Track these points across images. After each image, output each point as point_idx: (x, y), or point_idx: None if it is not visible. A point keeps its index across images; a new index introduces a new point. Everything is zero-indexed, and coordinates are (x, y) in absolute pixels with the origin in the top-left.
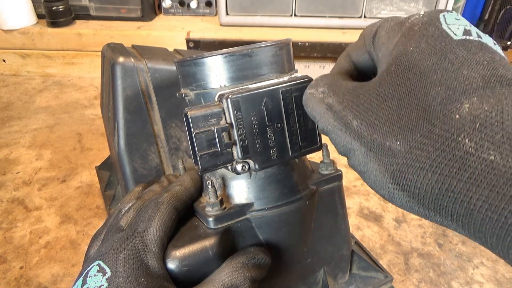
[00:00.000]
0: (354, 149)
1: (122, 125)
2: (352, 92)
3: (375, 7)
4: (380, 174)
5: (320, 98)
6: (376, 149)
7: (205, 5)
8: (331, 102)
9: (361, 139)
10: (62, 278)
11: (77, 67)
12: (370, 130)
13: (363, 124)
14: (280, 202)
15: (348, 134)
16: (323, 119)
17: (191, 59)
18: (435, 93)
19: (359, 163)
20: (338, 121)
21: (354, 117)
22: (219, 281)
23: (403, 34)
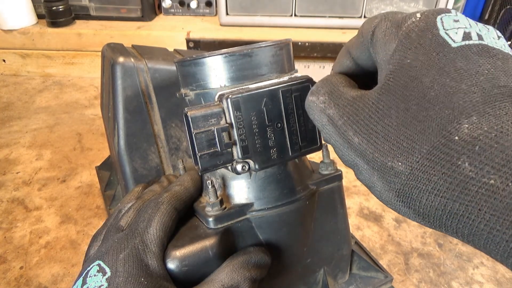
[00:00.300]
0: (358, 165)
1: (122, 125)
2: (352, 104)
3: (375, 7)
4: (385, 191)
5: (321, 108)
6: (379, 168)
7: (205, 5)
8: (332, 114)
9: (363, 157)
10: (62, 278)
11: (77, 67)
12: (372, 149)
13: (364, 142)
14: (280, 202)
15: (351, 150)
16: (325, 130)
17: (191, 59)
18: (433, 113)
19: (365, 179)
20: (340, 137)
21: (355, 134)
22: (219, 281)
23: (400, 41)
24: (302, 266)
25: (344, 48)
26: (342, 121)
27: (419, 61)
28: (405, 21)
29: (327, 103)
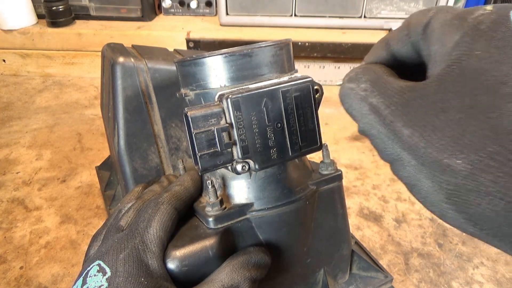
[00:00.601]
0: (403, 159)
1: (122, 125)
2: (402, 94)
3: (375, 7)
4: (434, 191)
5: (362, 96)
6: (431, 165)
7: (205, 5)
8: (376, 103)
9: (412, 151)
10: (62, 278)
11: (77, 67)
12: (424, 143)
13: (415, 135)
14: (280, 202)
15: (396, 143)
16: (366, 121)
17: (191, 59)
18: (507, 110)
19: (408, 175)
20: (385, 127)
21: (404, 126)
22: (219, 281)
23: (466, 33)
24: (302, 266)
25: (382, 40)
26: (388, 110)
27: (491, 54)
28: (471, 14)
29: (370, 91)
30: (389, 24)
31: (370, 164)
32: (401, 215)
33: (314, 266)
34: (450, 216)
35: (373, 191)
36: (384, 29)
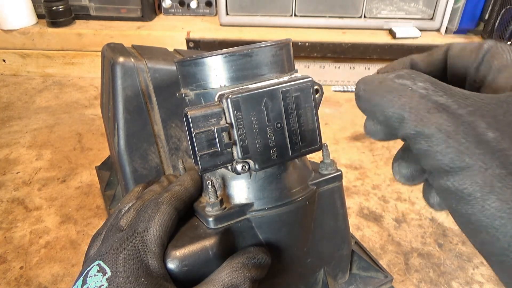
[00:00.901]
0: (473, 168)
1: (122, 125)
2: (478, 98)
3: (375, 7)
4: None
5: (422, 93)
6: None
7: (205, 5)
8: (445, 102)
9: (499, 157)
10: (62, 278)
11: (77, 67)
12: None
13: (506, 140)
14: (280, 202)
15: (474, 145)
16: (427, 119)
17: (191, 59)
18: None
19: (476, 185)
20: (459, 127)
21: (489, 128)
22: (219, 281)
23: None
24: (302, 266)
25: (407, 58)
26: (466, 111)
27: None
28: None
29: (433, 90)
30: (389, 24)
31: (370, 164)
32: (401, 215)
33: (314, 266)
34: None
35: (373, 191)
36: (384, 29)
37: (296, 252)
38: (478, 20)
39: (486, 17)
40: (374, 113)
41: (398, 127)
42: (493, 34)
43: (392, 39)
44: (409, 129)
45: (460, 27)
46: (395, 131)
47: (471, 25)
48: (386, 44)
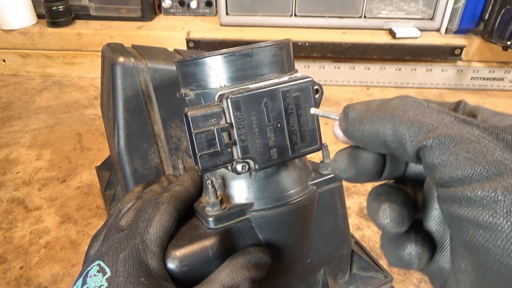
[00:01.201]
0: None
1: (122, 125)
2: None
3: (375, 7)
4: None
5: (439, 109)
6: None
7: (205, 5)
8: (466, 119)
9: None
10: (62, 278)
11: (77, 67)
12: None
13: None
14: (280, 202)
15: (508, 151)
16: (450, 127)
17: (191, 59)
18: None
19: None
20: (489, 136)
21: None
22: (219, 281)
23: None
24: (302, 266)
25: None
26: (487, 125)
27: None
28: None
29: (449, 109)
30: (389, 24)
31: None
32: None
33: (314, 266)
34: None
35: None
36: (384, 29)
37: (296, 252)
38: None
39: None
40: (376, 134)
41: (412, 141)
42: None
43: (392, 39)
44: (430, 138)
45: (460, 27)
46: (405, 149)
47: (471, 25)
48: (386, 44)
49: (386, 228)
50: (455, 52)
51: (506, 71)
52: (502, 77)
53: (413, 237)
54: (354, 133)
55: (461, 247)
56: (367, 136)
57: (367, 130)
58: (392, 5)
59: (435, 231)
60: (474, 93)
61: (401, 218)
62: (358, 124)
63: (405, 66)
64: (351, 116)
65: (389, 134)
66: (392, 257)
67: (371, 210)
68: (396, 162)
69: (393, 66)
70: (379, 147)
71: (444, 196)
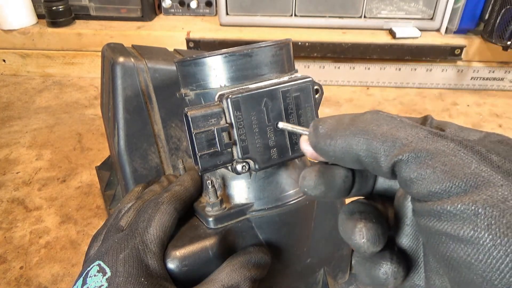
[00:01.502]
0: (490, 181)
1: (122, 125)
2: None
3: (375, 7)
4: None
5: (412, 124)
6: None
7: (205, 5)
8: (439, 132)
9: (509, 174)
10: (62, 278)
11: (77, 67)
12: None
13: (506, 163)
14: (280, 202)
15: (483, 163)
16: (425, 141)
17: (191, 59)
18: None
19: (490, 203)
20: (463, 149)
21: (488, 152)
22: (219, 281)
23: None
24: (302, 266)
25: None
26: (461, 139)
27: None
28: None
29: (422, 124)
30: (389, 24)
31: None
32: None
33: (314, 266)
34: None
35: None
36: (384, 29)
37: (296, 252)
38: (478, 20)
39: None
40: (349, 150)
41: (387, 156)
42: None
43: (392, 39)
44: (405, 152)
45: (460, 27)
46: (380, 164)
47: (471, 25)
48: (386, 44)
49: (362, 248)
50: (455, 52)
51: (506, 71)
52: (502, 77)
53: (388, 256)
54: (325, 148)
55: (438, 263)
56: (339, 151)
57: (340, 145)
58: (392, 5)
59: (408, 248)
60: (474, 93)
61: (377, 237)
62: (329, 139)
63: (405, 66)
64: (321, 130)
65: (362, 149)
66: (366, 277)
67: (345, 230)
68: (365, 178)
69: (393, 66)
70: (351, 163)
71: (422, 210)
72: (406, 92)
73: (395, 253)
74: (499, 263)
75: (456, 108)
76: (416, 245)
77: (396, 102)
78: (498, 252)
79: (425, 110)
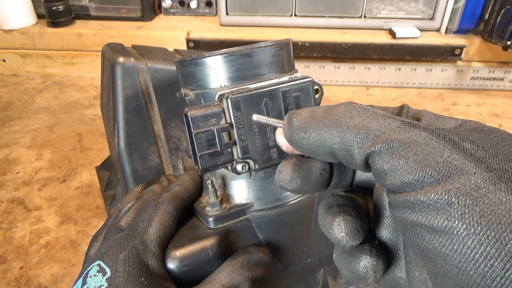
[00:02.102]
0: (463, 169)
1: (122, 125)
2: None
3: (375, 7)
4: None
5: (385, 114)
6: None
7: (205, 5)
8: (412, 122)
9: (481, 162)
10: (62, 278)
11: (77, 67)
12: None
13: (480, 151)
14: (280, 202)
15: (455, 151)
16: (398, 132)
17: (191, 59)
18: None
19: (464, 191)
20: (436, 137)
21: (462, 140)
22: (219, 281)
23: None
24: (302, 266)
25: None
26: (433, 127)
27: None
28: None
29: (394, 113)
30: (389, 24)
31: None
32: None
33: (314, 266)
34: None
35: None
36: (384, 29)
37: (296, 252)
38: (478, 20)
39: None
40: (323, 143)
41: (360, 148)
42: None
43: (392, 39)
44: (378, 144)
45: (460, 27)
46: (354, 157)
47: (471, 25)
48: (386, 44)
49: (341, 242)
50: (455, 52)
51: (506, 71)
52: (502, 77)
53: (367, 249)
54: (299, 141)
55: (415, 255)
56: (313, 144)
57: (313, 138)
58: (392, 5)
59: (388, 240)
60: (474, 93)
61: (356, 230)
62: (303, 132)
63: (405, 66)
64: (295, 123)
65: (335, 142)
66: (346, 271)
67: (324, 224)
68: (343, 171)
69: (393, 66)
70: (326, 156)
71: (396, 202)
72: (406, 92)
73: (374, 246)
74: (474, 253)
75: (456, 108)
76: (396, 237)
77: (396, 102)
78: (472, 242)
79: (425, 110)
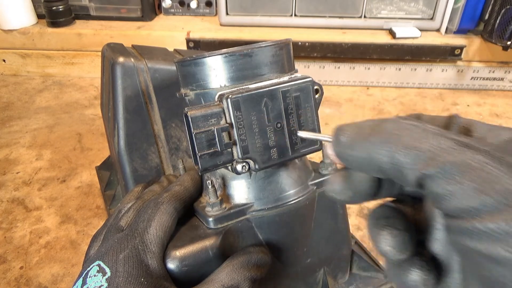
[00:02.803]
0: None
1: (122, 125)
2: (485, 141)
3: (375, 7)
4: None
5: (435, 132)
6: None
7: (205, 5)
8: (464, 141)
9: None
10: (62, 278)
11: (77, 67)
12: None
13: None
14: (280, 202)
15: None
16: (451, 154)
17: (191, 59)
18: None
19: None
20: (492, 159)
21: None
22: (219, 281)
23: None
24: (302, 266)
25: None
26: (488, 148)
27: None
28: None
29: (445, 131)
30: (389, 24)
31: None
32: None
33: (314, 266)
34: None
35: None
36: (384, 29)
37: (296, 252)
38: (478, 20)
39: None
40: (371, 161)
41: (412, 169)
42: (493, 34)
43: (392, 39)
44: (432, 167)
45: (460, 27)
46: (405, 177)
47: (471, 25)
48: (386, 44)
49: (388, 256)
50: (455, 52)
51: (506, 71)
52: (502, 77)
53: (418, 262)
54: (347, 158)
55: (475, 281)
56: (362, 162)
57: (361, 156)
58: (392, 5)
59: (440, 252)
60: (474, 93)
61: (403, 244)
62: (350, 150)
63: (405, 66)
64: (342, 139)
65: (385, 161)
66: (397, 283)
67: (372, 236)
68: (392, 182)
69: (393, 66)
70: (375, 173)
71: (453, 227)
72: (406, 92)
73: (424, 259)
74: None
75: (456, 108)
76: (448, 251)
77: (396, 102)
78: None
79: (425, 110)
